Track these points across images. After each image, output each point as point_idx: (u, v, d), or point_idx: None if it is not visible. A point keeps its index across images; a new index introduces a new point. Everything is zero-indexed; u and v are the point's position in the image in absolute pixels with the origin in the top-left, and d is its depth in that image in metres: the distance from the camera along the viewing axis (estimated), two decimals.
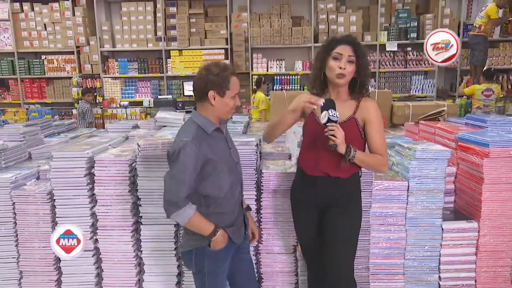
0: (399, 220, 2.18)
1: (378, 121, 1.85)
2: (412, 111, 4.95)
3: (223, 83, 1.67)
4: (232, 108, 1.74)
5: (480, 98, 5.61)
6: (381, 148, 1.83)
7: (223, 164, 1.74)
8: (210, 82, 1.67)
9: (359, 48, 1.83)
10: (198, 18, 7.17)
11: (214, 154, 1.69)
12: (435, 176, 2.15)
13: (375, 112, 1.85)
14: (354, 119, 1.84)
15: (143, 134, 2.77)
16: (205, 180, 1.71)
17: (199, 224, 1.71)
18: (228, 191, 1.76)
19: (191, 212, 1.67)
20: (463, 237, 2.20)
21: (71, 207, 2.20)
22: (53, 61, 7.35)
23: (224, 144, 1.80)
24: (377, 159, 1.83)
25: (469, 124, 2.67)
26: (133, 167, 2.21)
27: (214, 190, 1.73)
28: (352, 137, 1.80)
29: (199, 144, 1.65)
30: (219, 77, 1.66)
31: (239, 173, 1.87)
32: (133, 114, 6.57)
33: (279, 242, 2.26)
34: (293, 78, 7.13)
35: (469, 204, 2.29)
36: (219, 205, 1.75)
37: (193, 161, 1.63)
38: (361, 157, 1.79)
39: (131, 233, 2.22)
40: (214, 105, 1.70)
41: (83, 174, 2.17)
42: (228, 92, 1.69)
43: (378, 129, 1.84)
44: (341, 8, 7.09)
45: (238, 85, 1.74)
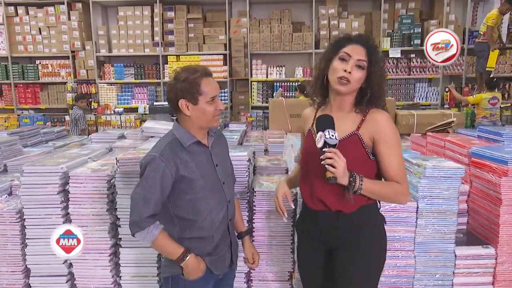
0: (407, 245, 1.96)
1: (392, 138, 1.46)
2: (416, 120, 4.75)
3: (193, 89, 1.47)
4: (213, 114, 1.53)
5: (487, 107, 5.41)
6: (398, 173, 1.45)
7: (202, 183, 1.52)
8: (179, 91, 1.48)
9: (375, 51, 1.49)
10: (196, 23, 7.00)
11: (189, 171, 1.50)
12: (447, 196, 1.92)
13: (388, 127, 1.47)
14: (357, 136, 1.47)
15: (128, 145, 2.57)
16: (179, 200, 1.52)
17: (165, 246, 1.52)
18: (208, 215, 1.55)
19: (155, 232, 1.48)
20: (478, 264, 1.97)
21: (43, 228, 1.98)
22: (47, 66, 7.18)
23: (207, 159, 1.58)
24: (393, 189, 1.46)
25: (482, 137, 2.46)
26: (112, 184, 1.99)
27: (189, 213, 1.54)
28: (355, 160, 1.43)
29: (168, 160, 1.47)
30: (187, 83, 1.47)
31: (227, 194, 1.64)
32: (127, 121, 6.37)
33: (274, 268, 2.03)
34: (293, 85, 6.93)
35: (484, 227, 2.07)
36: (196, 230, 1.55)
37: (159, 178, 1.46)
38: (371, 187, 1.42)
39: (109, 257, 2.00)
40: (190, 115, 1.51)
41: (56, 191, 1.95)
42: (202, 98, 1.49)
43: (393, 149, 1.46)
44: (343, 13, 6.91)
45: (213, 87, 1.51)
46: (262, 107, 6.93)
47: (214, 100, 1.52)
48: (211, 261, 1.58)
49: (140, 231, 1.48)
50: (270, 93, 7.02)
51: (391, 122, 1.50)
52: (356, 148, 1.47)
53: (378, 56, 1.50)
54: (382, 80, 1.51)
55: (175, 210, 1.54)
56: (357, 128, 1.49)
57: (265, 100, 6.98)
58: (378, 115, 1.49)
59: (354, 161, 1.42)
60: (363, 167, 1.46)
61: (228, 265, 1.69)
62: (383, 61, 1.55)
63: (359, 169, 1.43)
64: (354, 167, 1.41)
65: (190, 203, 1.53)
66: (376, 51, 1.50)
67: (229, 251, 1.68)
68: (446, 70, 6.78)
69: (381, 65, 1.50)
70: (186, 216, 1.54)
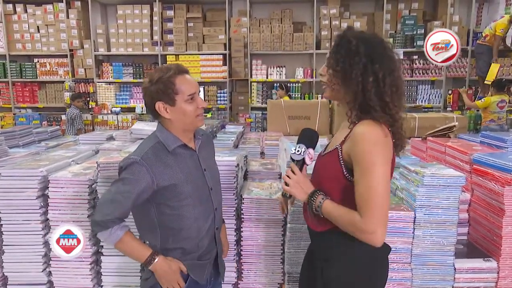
0: (404, 257, 1.85)
1: (362, 160, 1.18)
2: (418, 123, 4.63)
3: (168, 89, 1.37)
4: (195, 114, 1.42)
5: (495, 111, 5.28)
6: (362, 203, 1.17)
7: (189, 189, 1.42)
8: (154, 93, 1.38)
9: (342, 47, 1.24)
10: (196, 22, 6.91)
11: (174, 177, 1.39)
12: (446, 206, 1.81)
13: (361, 145, 1.19)
14: (337, 150, 1.28)
15: (115, 148, 2.47)
16: (163, 207, 1.41)
17: (131, 248, 1.41)
18: (194, 223, 1.44)
19: (120, 233, 1.37)
20: (479, 278, 1.85)
21: (21, 234, 1.90)
22: (45, 65, 7.11)
23: (194, 164, 1.48)
24: (348, 219, 1.20)
25: (485, 143, 2.34)
26: (94, 188, 1.90)
27: (174, 221, 1.43)
28: (330, 176, 1.28)
29: (150, 165, 1.36)
30: (160, 83, 1.36)
31: (214, 202, 1.53)
32: (124, 121, 6.29)
33: (262, 279, 1.93)
34: (294, 86, 6.83)
35: (486, 238, 1.96)
36: (180, 240, 1.44)
37: (136, 184, 1.34)
38: (329, 210, 1.24)
39: (90, 265, 1.91)
40: (171, 118, 1.41)
41: (35, 195, 1.86)
42: (179, 97, 1.38)
43: (362, 173, 1.18)
44: (344, 14, 6.81)
45: (190, 84, 1.40)
46: (261, 108, 6.84)
47: (194, 98, 1.41)
48: (193, 267, 1.47)
49: (103, 231, 1.37)
50: (270, 94, 6.93)
51: (375, 139, 1.18)
52: (334, 164, 1.28)
53: (349, 50, 1.23)
54: (375, 83, 1.21)
55: (159, 218, 1.43)
56: (341, 142, 1.29)
57: (265, 101, 6.87)
58: (361, 128, 1.22)
59: (329, 178, 1.30)
60: (336, 186, 1.28)
61: (213, 276, 1.58)
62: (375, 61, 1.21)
63: (332, 188, 1.28)
64: (329, 185, 1.30)
65: (175, 211, 1.42)
66: (344, 45, 1.24)
67: (214, 262, 1.58)
68: (449, 72, 6.65)
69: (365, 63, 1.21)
70: (170, 224, 1.43)
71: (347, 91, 1.26)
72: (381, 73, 1.21)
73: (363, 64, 1.21)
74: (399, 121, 1.27)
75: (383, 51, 1.25)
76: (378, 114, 1.22)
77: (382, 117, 1.22)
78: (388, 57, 1.25)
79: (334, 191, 1.28)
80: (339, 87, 1.28)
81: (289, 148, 2.39)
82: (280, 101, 5.07)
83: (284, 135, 3.86)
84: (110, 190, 1.40)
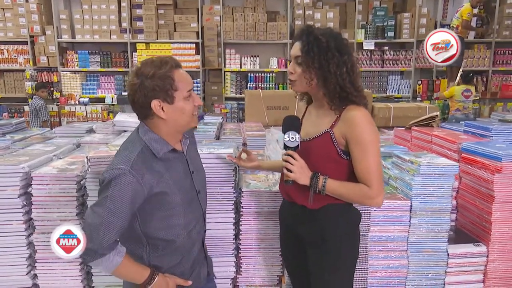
0: (401, 245, 1.88)
1: (362, 138, 1.35)
2: (393, 113, 4.76)
3: (166, 85, 1.21)
4: (193, 112, 1.29)
5: (460, 100, 5.51)
6: (367, 175, 1.37)
7: (178, 197, 1.29)
8: (150, 90, 1.21)
9: (313, 43, 1.36)
10: (166, 9, 6.67)
11: (164, 185, 1.26)
12: (441, 194, 1.86)
13: (360, 126, 1.36)
14: (329, 134, 1.41)
15: (98, 141, 2.34)
16: (149, 217, 1.28)
17: (129, 272, 1.29)
18: (182, 232, 1.33)
19: (118, 260, 1.24)
20: (470, 262, 1.93)
21: (3, 235, 1.75)
22: (3, 52, 6.64)
23: (183, 168, 1.35)
24: (360, 191, 1.39)
25: (469, 132, 2.43)
26: (82, 185, 1.78)
27: (162, 231, 1.30)
28: (325, 158, 1.41)
29: (141, 174, 1.20)
30: (157, 78, 1.20)
31: (203, 205, 1.43)
32: (93, 112, 6.00)
33: (262, 272, 1.91)
34: (268, 76, 6.79)
35: (475, 224, 2.03)
36: (171, 251, 1.34)
37: (128, 198, 1.19)
38: (335, 188, 1.39)
39: (79, 266, 1.80)
40: (166, 118, 1.25)
41: (16, 194, 1.72)
42: (178, 93, 1.23)
43: (363, 150, 1.36)
44: (318, 4, 6.83)
45: (187, 79, 1.27)
46: (236, 98, 6.76)
47: (191, 95, 1.28)
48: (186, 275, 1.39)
49: (98, 259, 1.21)
50: (244, 84, 6.85)
51: (366, 121, 1.37)
52: (328, 146, 1.41)
53: (321, 47, 1.35)
54: (347, 73, 1.37)
55: (144, 228, 1.29)
56: (331, 126, 1.42)
57: (239, 91, 6.81)
58: (352, 112, 1.38)
59: (324, 159, 1.41)
60: (333, 166, 1.42)
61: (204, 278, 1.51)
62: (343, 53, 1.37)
63: (329, 168, 1.41)
64: (324, 165, 1.41)
65: (163, 221, 1.29)
66: (315, 43, 1.36)
67: (204, 265, 1.50)
68: (418, 63, 6.87)
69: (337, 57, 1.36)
70: (158, 235, 1.30)
71: (325, 84, 1.39)
72: (350, 63, 1.39)
73: (337, 57, 1.37)
74: (367, 102, 1.46)
75: (345, 42, 1.42)
76: (356, 98, 1.40)
77: (360, 101, 1.41)
78: (349, 49, 1.43)
79: (331, 170, 1.41)
80: (316, 81, 1.40)
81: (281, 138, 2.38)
82: (258, 91, 5.04)
83: (263, 125, 3.84)
84: (97, 211, 1.20)
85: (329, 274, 1.49)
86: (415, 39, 6.67)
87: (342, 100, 1.39)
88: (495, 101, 6.93)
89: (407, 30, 6.73)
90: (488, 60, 6.84)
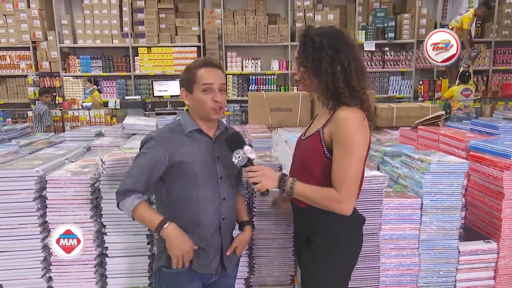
0: (412, 243, 1.90)
1: (344, 140, 1.34)
2: (396, 113, 4.77)
3: (189, 78, 1.50)
4: (210, 105, 1.47)
5: (460, 99, 5.54)
6: (339, 179, 1.35)
7: (195, 169, 1.48)
8: (181, 81, 1.55)
9: (308, 43, 1.39)
10: (168, 13, 6.71)
11: (184, 154, 1.47)
12: (451, 192, 1.88)
13: (343, 128, 1.34)
14: (319, 132, 1.42)
15: (108, 144, 2.36)
16: (172, 185, 1.50)
17: (145, 216, 1.46)
18: (198, 204, 1.49)
19: (135, 202, 1.44)
20: (481, 259, 1.95)
21: (17, 239, 1.76)
22: (5, 58, 6.65)
23: (207, 149, 1.52)
24: (325, 195, 1.37)
25: (476, 130, 2.45)
26: (96, 188, 1.80)
27: (179, 198, 1.50)
28: (312, 156, 1.43)
29: (163, 142, 1.47)
30: (186, 72, 1.52)
31: (222, 191, 1.53)
32: (97, 116, 6.01)
33: (274, 272, 1.92)
34: (269, 78, 6.81)
35: (484, 221, 2.05)
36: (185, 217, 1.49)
37: (150, 157, 1.46)
38: (301, 191, 1.41)
39: (94, 268, 1.81)
40: (189, 104, 1.54)
41: (31, 197, 1.73)
42: (196, 86, 1.49)
43: (342, 152, 1.35)
44: (318, 6, 6.86)
45: (209, 76, 1.48)
46: (238, 100, 6.78)
47: (210, 90, 1.48)
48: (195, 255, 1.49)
49: (122, 200, 1.46)
50: (245, 87, 6.88)
51: (353, 123, 1.35)
52: (316, 144, 1.43)
53: (315, 47, 1.37)
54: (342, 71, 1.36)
55: (167, 193, 1.52)
56: (322, 126, 1.44)
57: (241, 93, 6.83)
58: (342, 113, 1.37)
59: (313, 158, 1.43)
60: (318, 164, 1.43)
61: (215, 269, 1.56)
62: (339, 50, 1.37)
63: (316, 166, 1.43)
64: (313, 164, 1.43)
65: (181, 189, 1.49)
66: (310, 43, 1.39)
67: (218, 253, 1.56)
68: (418, 63, 6.90)
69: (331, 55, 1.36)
70: (176, 201, 1.50)
71: (319, 83, 1.42)
72: (346, 60, 1.38)
73: (330, 56, 1.37)
74: (367, 101, 1.43)
75: (344, 40, 1.41)
76: (347, 99, 1.38)
77: (351, 102, 1.38)
78: (350, 45, 1.41)
79: (317, 168, 1.42)
80: (311, 81, 1.43)
81: (290, 139, 2.40)
82: (261, 93, 5.05)
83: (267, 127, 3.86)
84: (132, 162, 1.54)
85: (316, 273, 1.49)
86: (415, 39, 6.70)
87: (335, 99, 1.40)
88: (496, 100, 6.96)
89: (407, 30, 6.76)
90: (488, 60, 6.88)
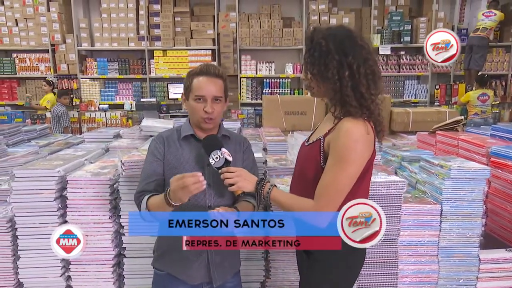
0: (431, 250, 1.87)
1: (338, 152, 1.26)
2: (412, 118, 4.72)
3: (187, 84, 1.54)
4: (200, 115, 1.47)
5: (477, 104, 5.44)
6: (323, 189, 1.28)
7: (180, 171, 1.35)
8: (183, 86, 1.58)
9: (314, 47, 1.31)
10: (183, 17, 6.77)
11: (172, 155, 1.51)
12: (472, 199, 1.85)
13: (344, 139, 1.25)
14: (320, 141, 1.35)
15: (126, 146, 2.39)
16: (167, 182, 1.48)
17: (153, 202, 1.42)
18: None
19: (144, 199, 1.45)
20: (502, 268, 1.90)
21: (38, 238, 1.79)
22: (25, 60, 6.80)
23: (197, 155, 1.48)
24: (300, 204, 1.31)
25: (496, 135, 2.40)
26: (115, 188, 1.82)
27: None
28: (310, 162, 1.36)
29: (159, 140, 1.55)
30: (186, 77, 1.55)
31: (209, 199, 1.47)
32: (113, 118, 6.09)
33: (290, 276, 1.91)
34: (283, 81, 6.81)
35: (505, 229, 2.01)
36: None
37: (150, 158, 1.53)
38: (277, 197, 1.35)
39: (112, 268, 1.84)
40: (186, 109, 1.58)
41: (52, 197, 1.77)
42: (191, 94, 1.51)
43: (333, 163, 1.27)
44: (333, 9, 6.84)
45: (202, 87, 1.47)
46: (252, 104, 6.79)
47: (203, 100, 1.47)
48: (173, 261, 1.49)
49: (138, 205, 1.49)
50: (259, 90, 6.89)
51: (351, 137, 1.25)
52: (315, 153, 1.36)
53: (321, 51, 1.28)
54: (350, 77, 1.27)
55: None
56: (325, 134, 1.35)
57: (255, 96, 6.85)
58: (345, 124, 1.28)
59: (309, 165, 1.38)
60: (313, 171, 1.36)
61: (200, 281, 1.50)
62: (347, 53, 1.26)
63: (313, 174, 1.35)
64: (310, 171, 1.37)
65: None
66: (316, 48, 1.29)
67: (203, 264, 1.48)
68: (434, 67, 6.81)
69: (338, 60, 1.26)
70: None
71: (327, 90, 1.34)
72: (355, 64, 1.27)
73: (337, 60, 1.27)
74: (376, 111, 1.33)
75: (353, 41, 1.30)
76: (354, 109, 1.28)
77: (357, 112, 1.28)
78: (360, 46, 1.30)
79: (313, 175, 1.35)
80: (319, 88, 1.35)
81: None
82: (276, 97, 5.05)
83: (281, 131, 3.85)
84: None
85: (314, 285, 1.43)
86: None
87: (342, 107, 1.31)
88: None
89: (423, 34, 6.68)
90: (507, 64, 6.76)
